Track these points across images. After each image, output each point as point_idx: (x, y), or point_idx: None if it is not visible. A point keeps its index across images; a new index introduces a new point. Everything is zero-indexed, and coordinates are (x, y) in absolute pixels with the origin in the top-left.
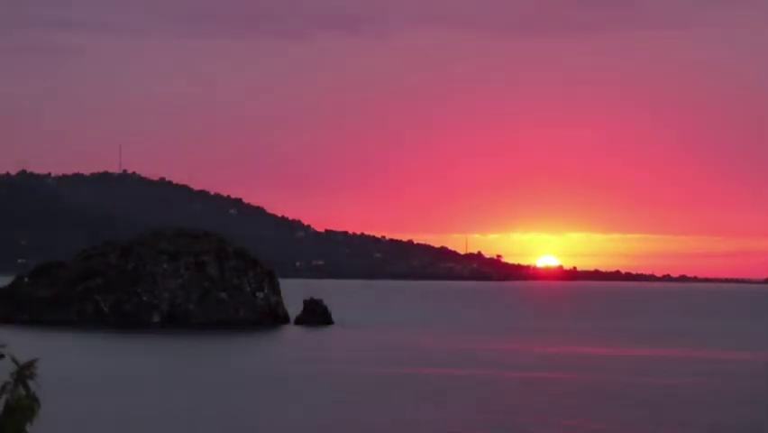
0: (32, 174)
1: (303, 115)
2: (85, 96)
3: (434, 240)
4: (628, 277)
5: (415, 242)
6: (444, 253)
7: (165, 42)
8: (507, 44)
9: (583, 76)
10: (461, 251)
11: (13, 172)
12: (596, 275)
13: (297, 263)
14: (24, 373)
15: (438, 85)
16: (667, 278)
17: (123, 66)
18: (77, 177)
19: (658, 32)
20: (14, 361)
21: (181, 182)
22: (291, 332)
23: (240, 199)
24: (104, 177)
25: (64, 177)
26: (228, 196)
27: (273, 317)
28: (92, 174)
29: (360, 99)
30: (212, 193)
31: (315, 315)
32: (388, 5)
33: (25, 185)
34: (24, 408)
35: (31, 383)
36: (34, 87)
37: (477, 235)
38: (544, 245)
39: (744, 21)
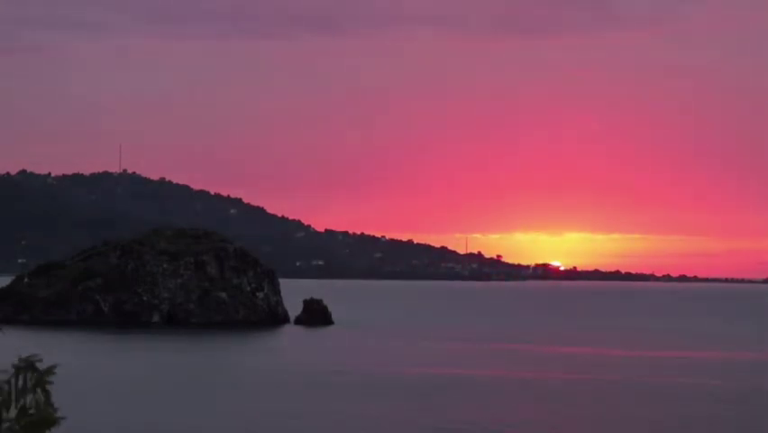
0: (32, 174)
1: (303, 115)
2: (84, 96)
3: (434, 240)
4: (628, 277)
5: (415, 242)
6: (445, 253)
7: (165, 43)
8: (501, 44)
9: (584, 76)
10: (462, 251)
11: (13, 172)
12: (596, 275)
13: (297, 263)
14: (44, 379)
15: (438, 85)
16: (667, 278)
17: (123, 66)
18: (77, 177)
19: (654, 30)
20: (34, 367)
21: (181, 182)
22: (291, 332)
23: (240, 199)
24: (104, 177)
25: (64, 177)
26: (228, 196)
27: (273, 317)
28: (92, 174)
29: (360, 100)
30: (212, 193)
31: (315, 315)
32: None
33: (25, 185)
34: (51, 422)
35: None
36: (35, 87)
37: (477, 235)
38: (544, 245)
39: (739, 18)
